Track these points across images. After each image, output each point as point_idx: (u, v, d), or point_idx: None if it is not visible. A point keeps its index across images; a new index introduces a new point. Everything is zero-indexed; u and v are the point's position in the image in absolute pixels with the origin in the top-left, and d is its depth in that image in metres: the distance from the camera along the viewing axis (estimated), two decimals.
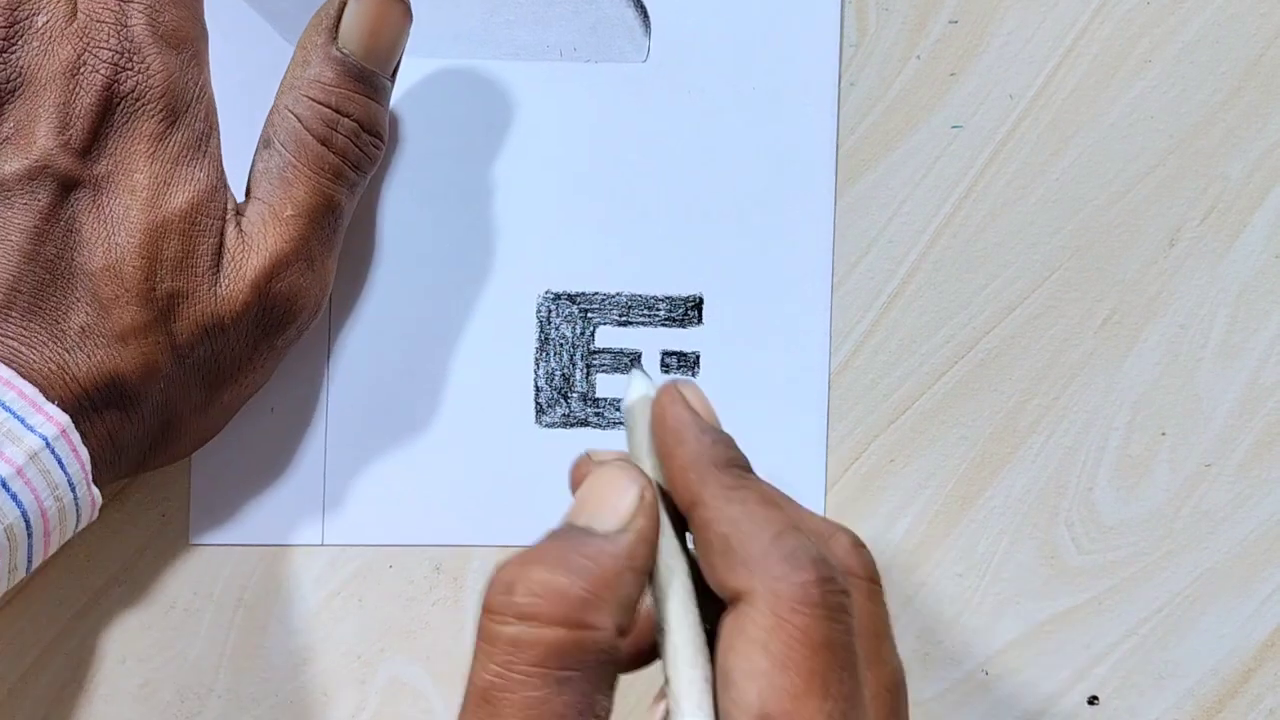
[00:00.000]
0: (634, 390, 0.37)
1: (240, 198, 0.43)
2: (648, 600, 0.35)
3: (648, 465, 0.37)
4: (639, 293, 0.47)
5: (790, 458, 0.47)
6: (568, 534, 0.34)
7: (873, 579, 0.36)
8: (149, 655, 0.46)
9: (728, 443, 0.36)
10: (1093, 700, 0.47)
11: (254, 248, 0.41)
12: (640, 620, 0.36)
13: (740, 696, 0.33)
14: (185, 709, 0.46)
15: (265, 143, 0.42)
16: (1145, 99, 0.47)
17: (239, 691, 0.46)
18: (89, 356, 0.39)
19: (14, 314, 0.39)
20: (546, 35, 0.47)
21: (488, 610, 0.33)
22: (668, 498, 0.36)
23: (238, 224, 0.41)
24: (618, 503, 0.35)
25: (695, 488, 0.35)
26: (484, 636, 0.33)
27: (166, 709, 0.46)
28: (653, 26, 0.47)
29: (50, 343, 0.39)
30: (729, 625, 0.33)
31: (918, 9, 0.47)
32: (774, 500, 0.35)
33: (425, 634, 0.46)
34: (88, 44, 0.40)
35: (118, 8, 0.40)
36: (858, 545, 0.36)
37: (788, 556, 0.33)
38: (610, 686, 0.33)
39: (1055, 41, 0.47)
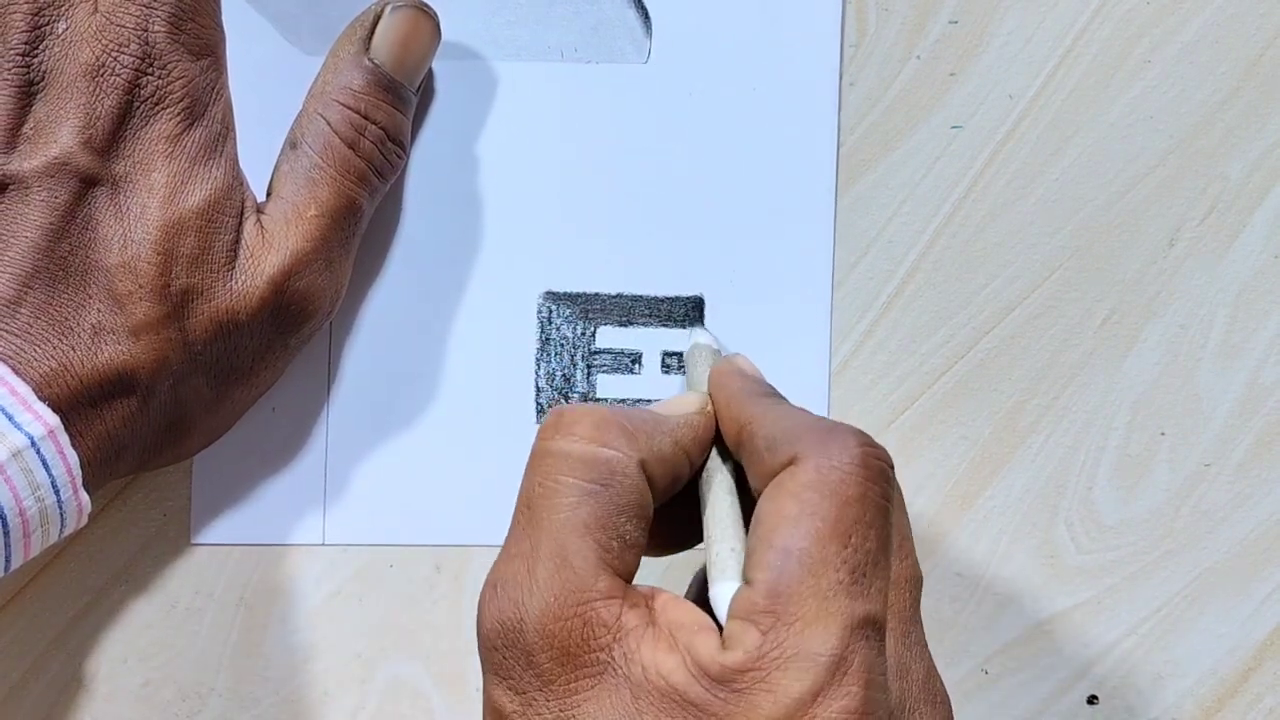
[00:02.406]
0: (696, 336, 0.44)
1: (260, 198, 0.43)
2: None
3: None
4: (640, 293, 0.47)
5: None
6: (635, 407, 0.40)
7: (900, 490, 0.38)
8: (150, 654, 0.46)
9: (768, 384, 0.41)
10: (1092, 700, 0.47)
11: (275, 245, 0.42)
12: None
13: (764, 533, 0.35)
14: (186, 708, 0.46)
15: (292, 144, 0.43)
16: (1145, 99, 0.47)
17: (239, 691, 0.46)
18: (97, 353, 0.40)
19: (23, 310, 0.40)
20: (547, 36, 0.47)
21: (540, 432, 0.38)
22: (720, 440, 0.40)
23: (258, 221, 0.42)
24: (680, 405, 0.40)
25: (745, 411, 0.39)
26: (533, 455, 0.38)
27: (167, 708, 0.46)
28: (653, 27, 0.47)
29: (56, 339, 0.40)
30: (771, 485, 0.36)
31: (918, 9, 0.47)
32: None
33: (425, 634, 0.46)
34: (110, 48, 0.40)
35: (140, 14, 0.40)
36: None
37: (833, 429, 0.36)
38: (635, 518, 0.37)
39: (1055, 42, 0.47)
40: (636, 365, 0.47)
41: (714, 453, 0.40)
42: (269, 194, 0.43)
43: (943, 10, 0.47)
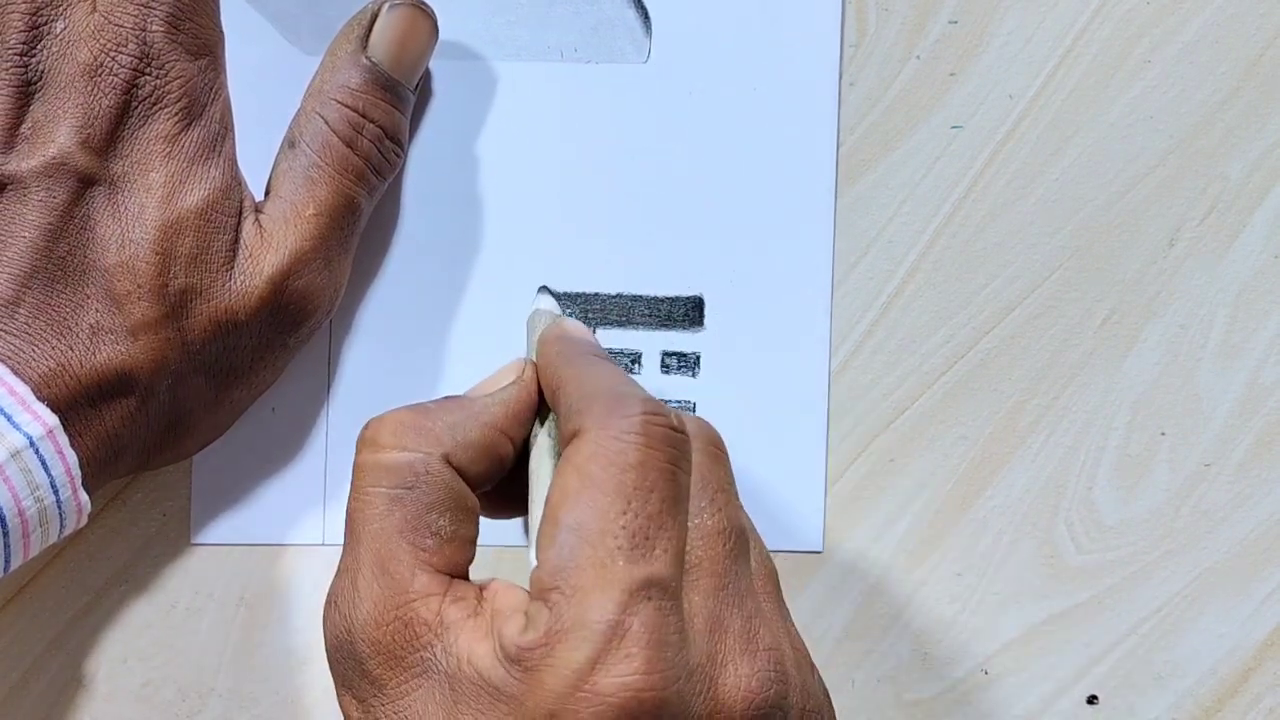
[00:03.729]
0: (538, 302, 0.44)
1: (258, 197, 0.43)
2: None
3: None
4: (640, 293, 0.47)
5: (790, 458, 0.47)
6: (445, 398, 0.40)
7: (716, 444, 0.39)
8: (150, 654, 0.46)
9: (592, 343, 0.41)
10: (1092, 700, 0.47)
11: (274, 244, 0.42)
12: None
13: (550, 510, 0.35)
14: (186, 708, 0.46)
15: (290, 143, 0.43)
16: (1145, 99, 0.47)
17: (240, 691, 0.46)
18: (96, 353, 0.40)
19: (21, 310, 0.39)
20: (547, 36, 0.47)
21: (356, 449, 0.38)
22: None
23: (257, 220, 0.42)
24: (497, 379, 0.40)
25: (558, 373, 0.39)
26: (352, 472, 0.38)
27: (167, 708, 0.46)
28: (653, 27, 0.47)
29: (54, 339, 0.39)
30: (560, 459, 0.37)
31: (918, 9, 0.47)
32: (625, 373, 0.40)
33: None
34: (108, 48, 0.40)
35: (138, 13, 0.40)
36: (704, 420, 0.39)
37: (618, 396, 0.37)
38: (448, 511, 0.37)
39: (1055, 41, 0.47)
40: (636, 365, 0.47)
41: (536, 420, 0.40)
42: (267, 193, 0.43)
43: (943, 10, 0.47)
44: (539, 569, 0.35)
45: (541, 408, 0.40)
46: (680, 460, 0.36)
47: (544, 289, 0.46)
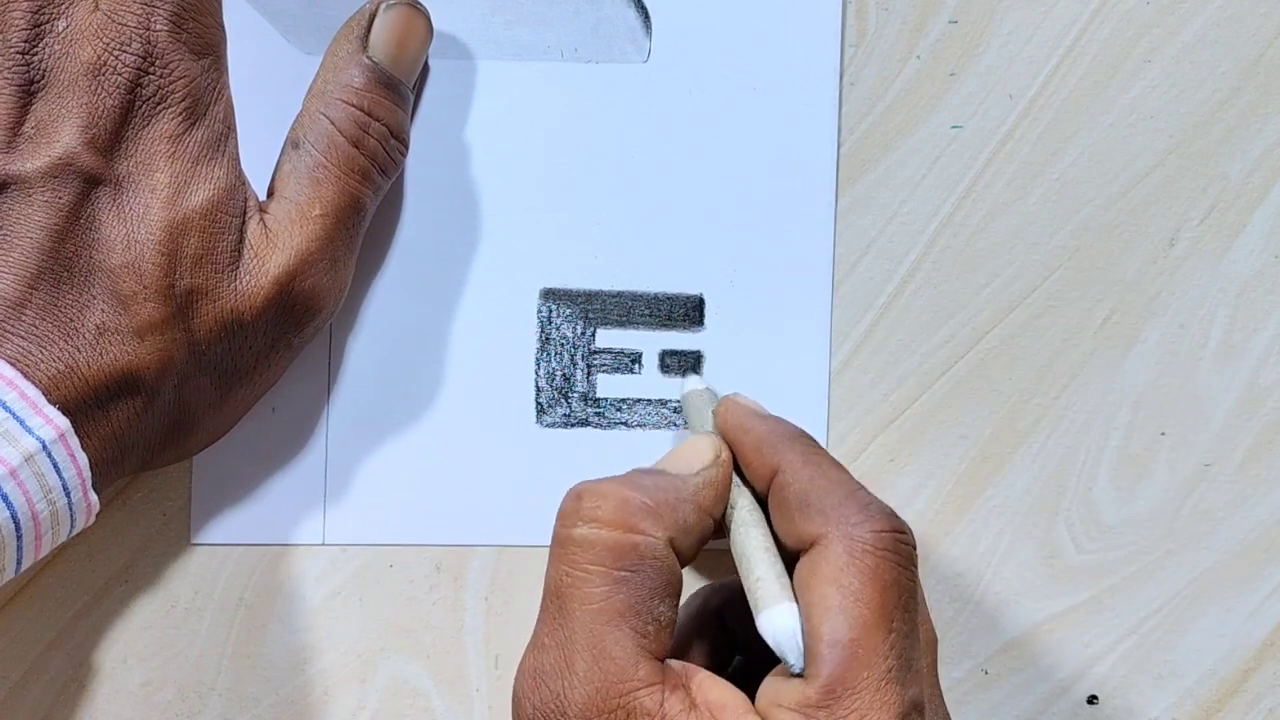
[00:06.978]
0: (690, 383, 0.45)
1: (260, 198, 0.43)
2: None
3: None
4: (640, 292, 0.47)
5: None
6: (645, 469, 0.40)
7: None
8: (150, 654, 0.46)
9: (791, 423, 0.41)
10: (1092, 700, 0.47)
11: (279, 245, 0.42)
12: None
13: (813, 627, 0.36)
14: (186, 708, 0.46)
15: (294, 144, 0.43)
16: (1145, 99, 0.47)
17: (240, 690, 0.46)
18: (103, 354, 0.40)
19: (28, 312, 0.39)
20: (548, 36, 0.47)
21: (559, 517, 0.38)
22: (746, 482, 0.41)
23: (262, 221, 0.42)
24: (694, 456, 0.40)
25: (773, 458, 0.39)
26: (556, 541, 0.38)
27: (167, 708, 0.46)
28: (653, 27, 0.47)
29: (62, 341, 0.39)
30: (803, 566, 0.37)
31: (918, 9, 0.47)
32: (843, 466, 0.39)
33: (425, 634, 0.46)
34: (111, 47, 0.40)
35: (141, 12, 0.40)
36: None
37: (863, 506, 0.37)
38: (667, 597, 0.37)
39: (1055, 41, 0.47)
40: (636, 365, 0.47)
41: (740, 505, 0.40)
42: (270, 194, 0.43)
43: (943, 10, 0.47)
44: (804, 685, 0.35)
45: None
46: (916, 576, 0.37)
47: (689, 371, 0.47)
